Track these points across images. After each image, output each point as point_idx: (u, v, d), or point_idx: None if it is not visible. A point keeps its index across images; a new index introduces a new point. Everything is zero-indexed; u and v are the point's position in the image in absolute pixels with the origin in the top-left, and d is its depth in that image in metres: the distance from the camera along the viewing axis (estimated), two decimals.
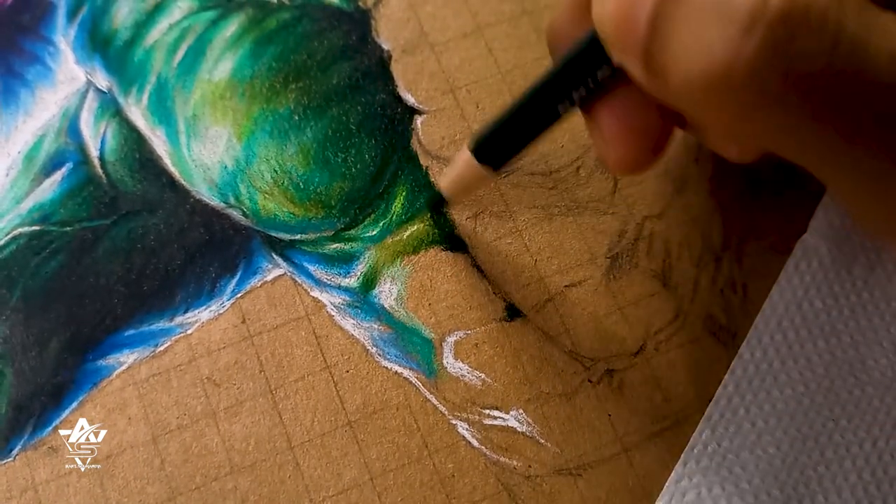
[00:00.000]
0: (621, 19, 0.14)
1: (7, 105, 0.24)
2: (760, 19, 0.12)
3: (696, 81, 0.12)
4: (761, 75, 0.12)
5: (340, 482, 0.21)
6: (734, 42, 0.12)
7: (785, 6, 0.12)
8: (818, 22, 0.12)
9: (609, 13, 0.14)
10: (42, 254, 0.23)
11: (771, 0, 0.12)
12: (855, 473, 0.21)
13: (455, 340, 0.22)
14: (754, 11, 0.12)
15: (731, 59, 0.12)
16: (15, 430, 0.21)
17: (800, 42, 0.12)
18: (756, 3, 0.12)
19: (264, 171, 0.24)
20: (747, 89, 0.12)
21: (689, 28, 0.12)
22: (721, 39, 0.12)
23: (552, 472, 0.21)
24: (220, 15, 0.25)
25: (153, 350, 0.22)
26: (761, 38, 0.12)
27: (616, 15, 0.14)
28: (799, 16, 0.12)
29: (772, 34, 0.12)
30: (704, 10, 0.12)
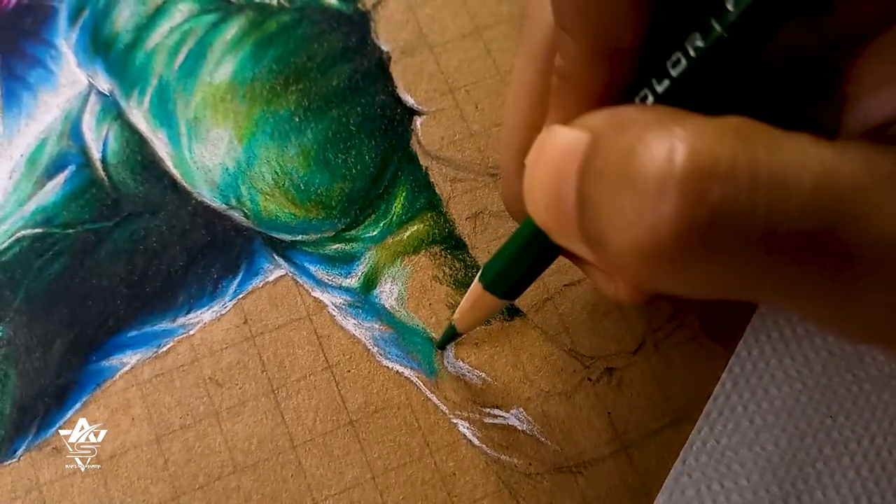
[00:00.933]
0: (552, 211, 0.13)
1: (9, 108, 0.25)
2: (669, 182, 0.11)
3: (628, 255, 0.12)
4: (686, 237, 0.11)
5: (342, 481, 0.21)
6: (651, 211, 0.11)
7: (690, 162, 0.11)
8: (728, 169, 0.11)
9: (540, 208, 0.14)
10: (45, 256, 0.23)
11: (675, 160, 0.11)
12: (853, 469, 0.21)
13: (456, 340, 0.22)
14: (661, 175, 0.11)
15: (653, 229, 0.11)
16: (19, 431, 0.22)
17: (715, 194, 0.11)
18: (662, 167, 0.11)
19: (265, 173, 0.24)
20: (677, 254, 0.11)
21: (611, 204, 0.12)
22: (639, 211, 0.11)
23: (552, 469, 0.21)
24: (221, 18, 0.25)
25: (156, 351, 0.22)
26: (675, 201, 0.11)
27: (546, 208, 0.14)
28: (707, 168, 0.11)
29: (684, 195, 0.11)
30: (620, 183, 0.12)
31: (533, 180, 0.14)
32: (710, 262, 0.11)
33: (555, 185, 0.13)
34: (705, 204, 0.11)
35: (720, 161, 0.11)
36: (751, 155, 0.11)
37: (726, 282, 0.12)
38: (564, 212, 0.13)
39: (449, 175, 0.24)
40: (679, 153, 0.11)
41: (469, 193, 0.24)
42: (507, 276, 0.18)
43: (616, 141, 0.12)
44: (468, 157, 0.24)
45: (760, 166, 0.11)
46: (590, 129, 0.13)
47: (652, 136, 0.12)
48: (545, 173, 0.14)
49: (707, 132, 0.11)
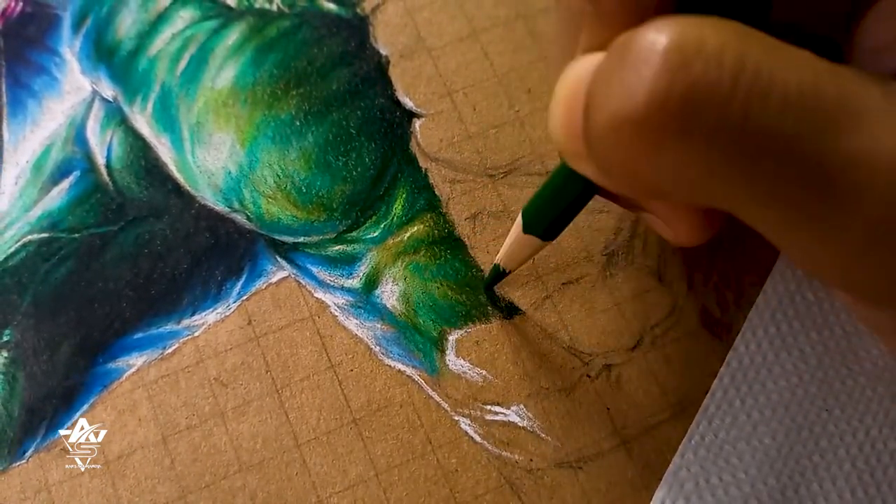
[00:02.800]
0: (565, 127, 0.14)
1: (15, 115, 0.25)
2: (653, 51, 0.11)
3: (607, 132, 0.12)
4: (660, 110, 0.11)
5: (346, 478, 0.22)
6: (632, 80, 0.12)
7: (677, 36, 0.11)
8: (715, 51, 0.11)
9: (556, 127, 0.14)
10: (51, 260, 0.23)
11: (663, 34, 0.11)
12: (849, 462, 0.21)
13: (456, 338, 0.23)
14: (648, 47, 0.11)
15: (631, 98, 0.11)
16: (28, 433, 0.22)
17: (695, 71, 0.11)
18: (649, 39, 0.11)
19: (267, 176, 0.24)
20: (651, 128, 0.11)
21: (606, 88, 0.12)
22: (623, 83, 0.12)
23: (553, 465, 0.22)
24: (222, 24, 0.26)
25: (161, 352, 0.23)
26: (655, 68, 0.11)
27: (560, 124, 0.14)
28: (693, 45, 0.11)
29: (664, 64, 0.11)
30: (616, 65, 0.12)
31: (554, 105, 0.14)
32: (684, 143, 0.11)
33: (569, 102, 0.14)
34: (684, 77, 0.11)
35: (708, 42, 0.11)
36: (743, 47, 0.11)
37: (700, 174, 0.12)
38: (575, 126, 0.13)
39: (448, 176, 0.24)
40: (670, 28, 0.11)
41: (468, 194, 0.24)
42: (543, 217, 0.19)
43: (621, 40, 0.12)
44: (467, 159, 0.25)
45: (749, 58, 0.11)
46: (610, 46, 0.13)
47: (652, 24, 0.12)
48: (563, 93, 0.14)
49: (705, 21, 0.12)
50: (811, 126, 0.11)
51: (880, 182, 0.11)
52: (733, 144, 0.11)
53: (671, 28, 0.11)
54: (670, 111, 0.11)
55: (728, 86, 0.11)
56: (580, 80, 0.13)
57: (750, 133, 0.11)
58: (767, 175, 0.11)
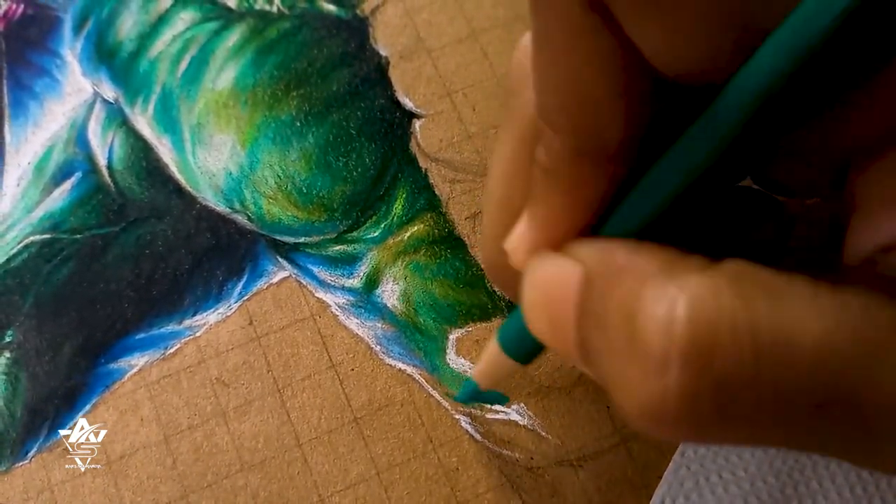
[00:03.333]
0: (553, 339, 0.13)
1: (17, 117, 0.25)
2: (671, 353, 0.11)
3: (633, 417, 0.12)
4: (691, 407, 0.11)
5: (348, 477, 0.22)
6: (654, 381, 0.11)
7: (691, 329, 0.11)
8: (729, 336, 0.11)
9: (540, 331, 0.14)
10: (53, 261, 0.24)
11: (676, 327, 0.11)
12: None
13: (457, 337, 0.23)
14: (664, 343, 0.11)
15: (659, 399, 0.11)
16: (30, 433, 0.22)
17: (719, 363, 0.11)
18: (664, 333, 0.11)
19: (268, 177, 0.24)
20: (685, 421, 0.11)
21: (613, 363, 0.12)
22: (642, 379, 0.11)
23: (553, 463, 0.22)
24: (222, 25, 0.26)
25: (163, 352, 0.23)
26: (678, 373, 0.11)
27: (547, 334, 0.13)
28: (708, 337, 0.11)
29: (686, 366, 0.11)
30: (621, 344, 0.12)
31: (530, 303, 0.14)
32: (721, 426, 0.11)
33: (551, 317, 0.13)
34: (709, 374, 0.11)
35: (721, 327, 0.11)
36: (751, 314, 0.11)
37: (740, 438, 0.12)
38: (567, 344, 0.13)
39: (448, 176, 0.25)
40: (679, 321, 0.11)
41: (468, 194, 0.24)
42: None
43: (611, 290, 0.12)
44: (466, 159, 0.25)
45: (761, 328, 0.11)
46: (582, 262, 0.13)
47: (650, 297, 0.11)
48: (541, 302, 0.13)
49: (705, 291, 0.11)
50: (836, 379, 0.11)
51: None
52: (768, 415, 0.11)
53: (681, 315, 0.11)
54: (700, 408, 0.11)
55: (752, 367, 0.11)
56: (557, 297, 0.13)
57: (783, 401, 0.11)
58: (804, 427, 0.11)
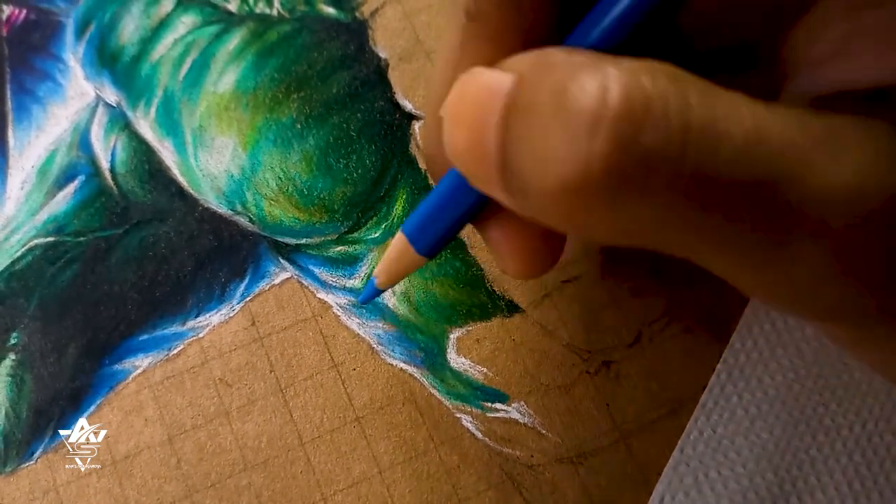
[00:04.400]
0: (471, 151, 0.13)
1: (20, 121, 0.25)
2: (602, 118, 0.11)
3: (553, 193, 0.12)
4: (616, 175, 0.11)
5: (350, 476, 0.22)
6: (581, 146, 0.11)
7: (624, 101, 0.11)
8: (661, 111, 0.11)
9: (459, 148, 0.13)
10: (57, 264, 0.24)
11: (610, 97, 0.11)
12: (845, 455, 0.22)
13: (457, 336, 0.23)
14: (595, 111, 0.11)
15: (583, 164, 0.11)
16: (36, 434, 0.22)
17: (647, 135, 0.11)
18: (595, 103, 0.11)
19: (269, 179, 0.25)
20: (604, 191, 0.11)
21: (537, 140, 0.12)
22: (568, 145, 0.11)
23: (553, 461, 0.22)
24: (223, 29, 0.26)
25: (167, 353, 0.23)
26: (606, 137, 0.11)
27: (466, 147, 0.13)
28: (640, 108, 0.11)
29: (616, 132, 0.11)
30: (548, 117, 0.12)
31: (452, 121, 0.13)
32: (638, 204, 0.11)
33: (476, 125, 0.13)
34: (637, 144, 0.11)
35: (653, 102, 0.11)
36: (683, 99, 0.11)
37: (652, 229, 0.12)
38: (485, 153, 0.13)
39: None
40: (613, 91, 0.11)
41: None
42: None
43: (545, 79, 0.12)
44: None
45: (692, 112, 0.11)
46: (515, 70, 0.12)
47: (584, 73, 0.11)
48: (466, 112, 0.13)
49: (640, 72, 0.11)
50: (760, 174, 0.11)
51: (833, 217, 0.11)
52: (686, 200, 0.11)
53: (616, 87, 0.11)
54: (624, 177, 0.11)
55: (678, 146, 0.11)
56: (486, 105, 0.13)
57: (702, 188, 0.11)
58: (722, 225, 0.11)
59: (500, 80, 0.12)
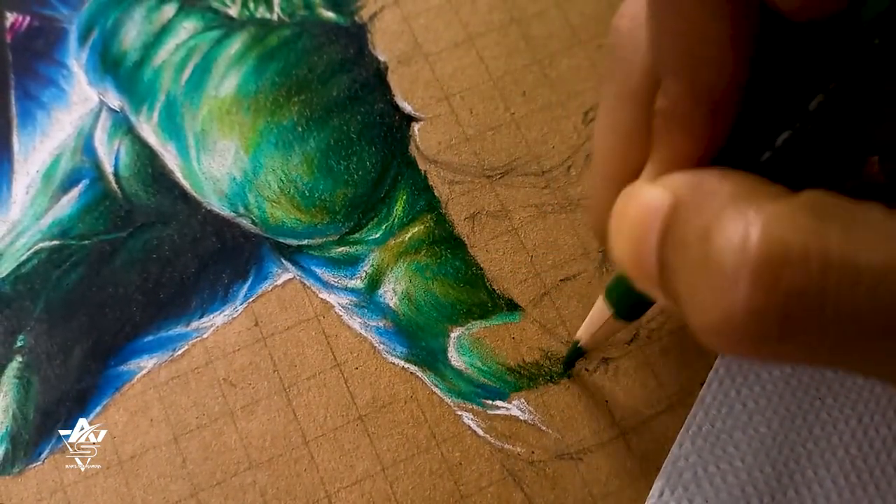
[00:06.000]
0: (633, 263, 0.14)
1: (25, 127, 0.26)
2: (742, 270, 0.11)
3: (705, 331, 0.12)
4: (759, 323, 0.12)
5: (354, 473, 0.22)
6: (725, 298, 0.12)
7: (762, 251, 0.11)
8: (800, 255, 0.11)
9: (623, 260, 0.14)
10: (63, 267, 0.24)
11: (750, 246, 0.11)
12: (842, 448, 0.22)
13: (458, 335, 0.23)
14: (735, 263, 0.12)
15: (727, 315, 0.12)
16: (43, 435, 0.22)
17: (787, 282, 0.11)
18: (735, 254, 0.12)
19: (271, 181, 0.25)
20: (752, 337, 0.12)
21: (688, 279, 0.13)
22: (713, 296, 0.12)
23: (554, 457, 0.22)
24: (224, 34, 0.26)
25: (171, 354, 0.23)
26: (748, 289, 0.11)
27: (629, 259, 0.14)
28: (779, 256, 0.11)
29: (756, 283, 0.11)
30: (696, 263, 0.12)
31: (617, 232, 0.15)
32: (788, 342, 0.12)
33: (636, 242, 0.14)
34: (777, 292, 0.11)
35: (792, 248, 0.11)
36: (824, 239, 0.11)
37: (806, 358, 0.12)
38: (646, 267, 0.14)
39: (447, 178, 0.25)
40: (752, 241, 0.11)
41: (467, 195, 0.25)
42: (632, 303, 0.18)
43: (694, 215, 0.13)
44: (465, 160, 0.25)
45: (832, 250, 0.11)
46: (672, 190, 0.13)
47: (728, 218, 0.12)
48: (629, 228, 0.14)
49: (782, 216, 0.12)
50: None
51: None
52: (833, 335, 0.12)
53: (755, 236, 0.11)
54: (766, 324, 0.12)
55: (818, 286, 0.11)
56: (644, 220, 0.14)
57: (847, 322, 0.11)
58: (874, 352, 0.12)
59: (658, 200, 0.13)
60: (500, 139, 0.25)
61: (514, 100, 0.26)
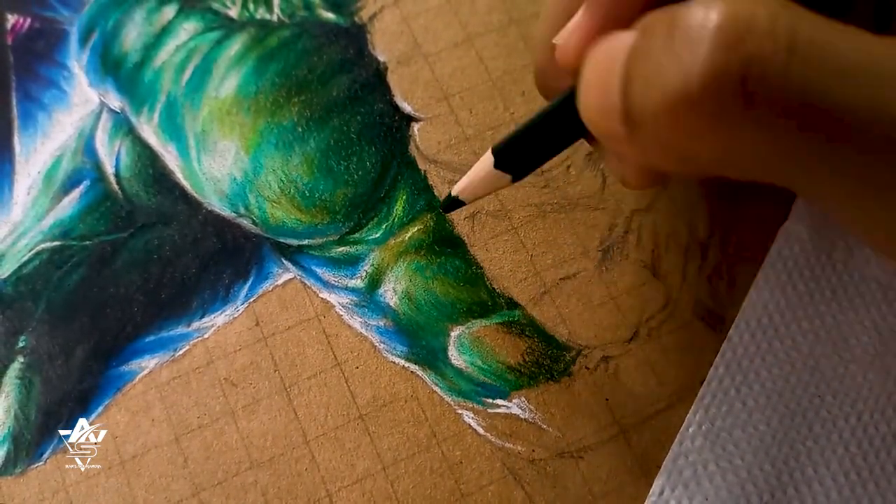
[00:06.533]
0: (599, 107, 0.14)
1: (26, 128, 0.26)
2: (705, 29, 0.11)
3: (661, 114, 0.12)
4: (718, 87, 0.11)
5: (355, 472, 0.22)
6: (686, 59, 0.11)
7: (729, 13, 0.11)
8: (767, 25, 0.11)
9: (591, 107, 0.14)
10: (64, 267, 0.24)
11: (713, 12, 0.11)
12: (842, 446, 0.22)
13: (458, 334, 0.23)
14: (700, 24, 0.11)
15: (686, 76, 0.11)
16: (45, 436, 0.23)
17: (750, 45, 0.11)
18: (700, 17, 0.11)
19: (271, 181, 0.25)
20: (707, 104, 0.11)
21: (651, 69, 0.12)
22: (675, 62, 0.12)
23: (554, 455, 0.22)
24: (224, 35, 0.26)
25: (173, 354, 0.23)
26: (709, 47, 0.11)
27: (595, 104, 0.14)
28: (745, 20, 0.11)
29: (719, 41, 0.11)
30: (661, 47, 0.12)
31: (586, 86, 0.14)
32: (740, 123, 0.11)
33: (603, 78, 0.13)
34: (740, 52, 0.11)
35: (759, 17, 0.11)
36: (793, 19, 0.11)
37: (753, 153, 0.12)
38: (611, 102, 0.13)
39: (447, 177, 0.25)
40: (718, 6, 0.11)
41: None
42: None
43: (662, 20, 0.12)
44: (464, 160, 0.25)
45: (801, 29, 0.11)
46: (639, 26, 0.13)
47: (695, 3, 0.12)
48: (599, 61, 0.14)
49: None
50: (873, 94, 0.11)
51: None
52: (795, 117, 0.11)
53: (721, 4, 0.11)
54: (729, 87, 0.11)
55: (784, 57, 0.11)
56: (612, 59, 0.13)
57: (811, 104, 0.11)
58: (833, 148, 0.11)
59: (626, 36, 0.13)
60: (500, 139, 0.25)
61: (514, 100, 0.26)
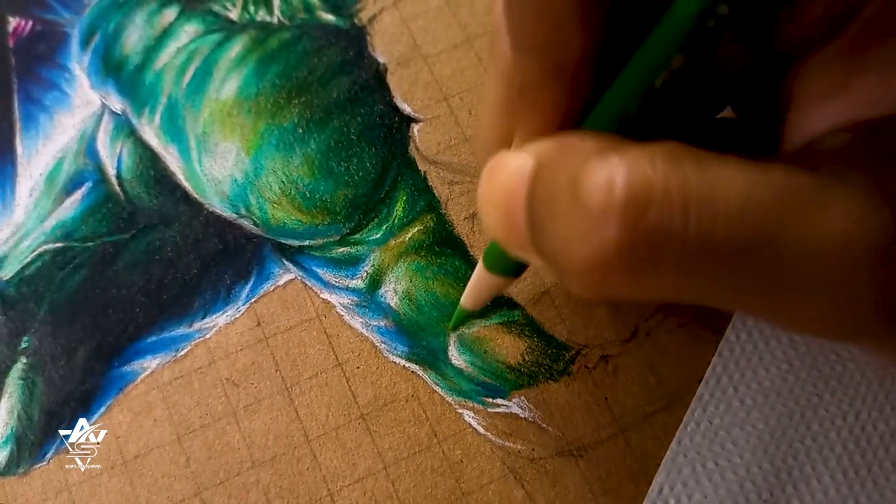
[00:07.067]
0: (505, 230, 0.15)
1: (28, 130, 0.26)
2: (611, 210, 0.12)
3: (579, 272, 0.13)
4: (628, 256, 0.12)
5: (356, 472, 0.22)
6: (596, 233, 0.13)
7: (628, 188, 0.12)
8: (662, 192, 0.12)
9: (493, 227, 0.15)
10: (66, 269, 0.24)
11: (616, 187, 0.12)
12: (840, 444, 0.22)
13: (458, 334, 0.24)
14: (604, 204, 0.12)
15: (599, 248, 0.13)
16: (47, 436, 0.23)
17: (652, 216, 0.12)
18: (603, 196, 0.12)
19: (272, 183, 0.25)
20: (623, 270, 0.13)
21: (559, 226, 0.13)
22: (586, 234, 0.13)
23: (554, 454, 0.22)
24: (225, 37, 0.27)
25: (174, 355, 0.23)
26: (616, 224, 0.12)
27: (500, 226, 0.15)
28: (643, 194, 0.12)
29: (624, 220, 0.12)
30: (567, 208, 0.13)
31: (485, 201, 0.15)
32: (654, 275, 0.13)
33: (505, 206, 0.14)
34: (644, 226, 0.12)
35: (655, 187, 0.12)
36: (682, 178, 0.12)
37: (671, 289, 0.13)
38: (516, 230, 0.14)
39: (446, 178, 0.25)
40: (618, 182, 0.12)
41: (466, 195, 0.25)
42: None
43: (560, 168, 0.13)
44: (464, 161, 0.25)
45: (690, 188, 0.12)
46: (535, 154, 0.14)
47: (593, 165, 0.13)
48: (496, 194, 0.15)
49: (641, 159, 0.13)
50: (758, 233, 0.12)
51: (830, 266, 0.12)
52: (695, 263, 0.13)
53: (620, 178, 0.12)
54: (637, 256, 0.12)
55: (681, 221, 0.12)
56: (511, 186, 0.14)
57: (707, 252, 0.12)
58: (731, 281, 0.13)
59: (523, 165, 0.14)
60: None
61: None
